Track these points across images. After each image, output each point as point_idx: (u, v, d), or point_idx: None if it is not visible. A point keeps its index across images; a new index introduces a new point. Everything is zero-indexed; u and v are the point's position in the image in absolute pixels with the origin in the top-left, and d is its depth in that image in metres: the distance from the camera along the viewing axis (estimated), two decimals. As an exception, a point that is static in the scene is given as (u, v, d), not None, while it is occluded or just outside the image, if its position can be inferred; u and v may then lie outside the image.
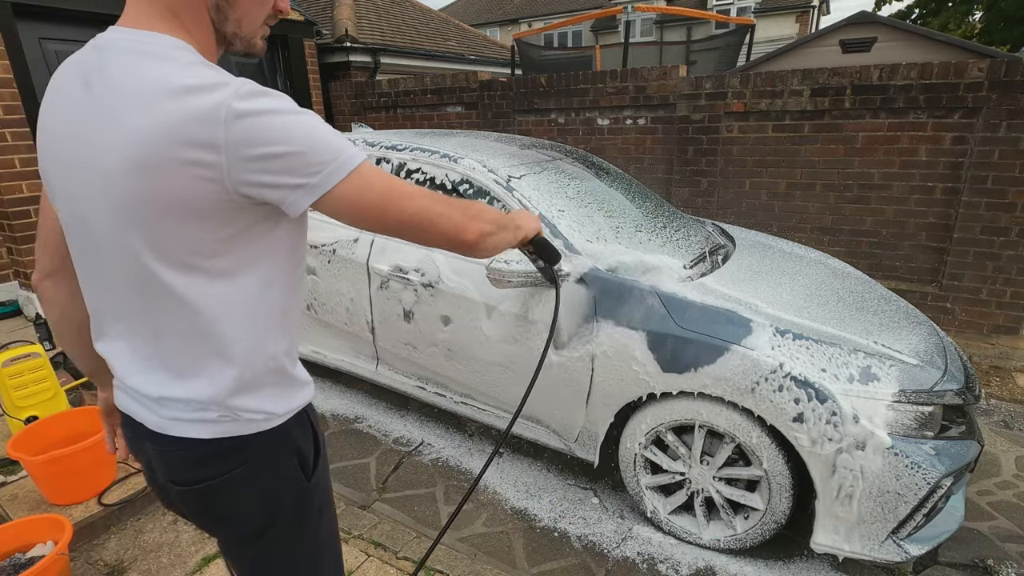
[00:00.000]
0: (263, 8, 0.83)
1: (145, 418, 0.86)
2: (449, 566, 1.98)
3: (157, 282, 0.76)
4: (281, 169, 0.72)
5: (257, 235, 0.79)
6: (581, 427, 2.26)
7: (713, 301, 2.03)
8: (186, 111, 0.68)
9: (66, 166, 0.77)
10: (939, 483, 1.73)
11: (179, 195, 0.71)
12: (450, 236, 0.89)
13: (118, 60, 0.72)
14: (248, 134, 0.69)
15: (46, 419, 2.24)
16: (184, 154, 0.68)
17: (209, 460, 0.85)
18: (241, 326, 0.82)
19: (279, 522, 0.93)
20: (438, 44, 8.23)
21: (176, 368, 0.83)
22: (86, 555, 2.01)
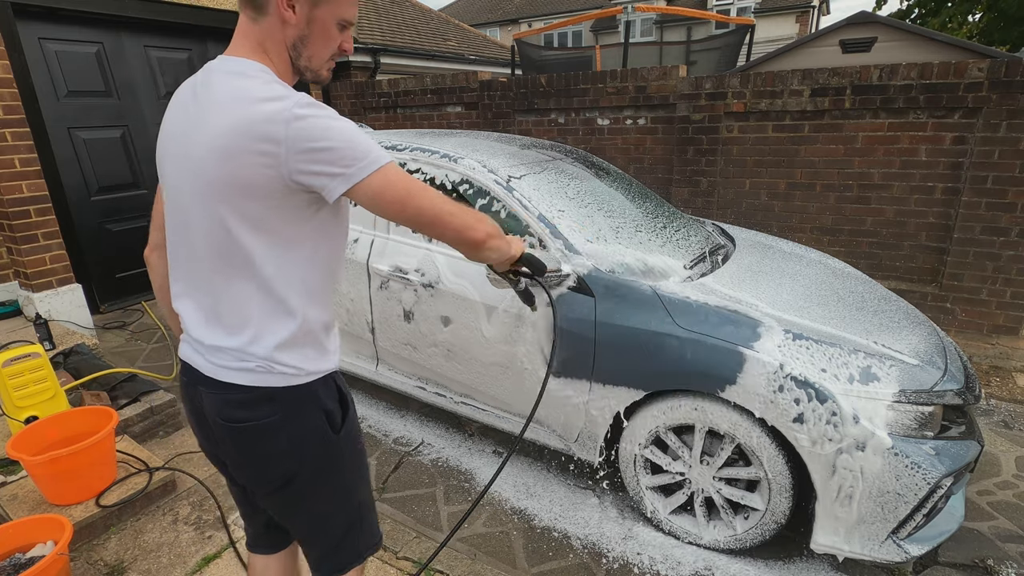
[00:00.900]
0: (329, 48, 1.06)
1: (200, 364, 1.05)
2: (449, 566, 1.98)
3: (232, 245, 0.97)
4: (324, 160, 0.92)
5: (306, 216, 0.99)
6: (581, 427, 2.26)
7: (715, 301, 2.03)
8: (259, 113, 0.90)
9: (172, 156, 1.01)
10: (939, 483, 1.73)
11: (249, 178, 0.92)
12: (460, 233, 1.07)
13: (219, 78, 0.97)
14: (302, 132, 0.90)
15: (46, 419, 2.24)
16: (254, 146, 0.90)
17: (248, 404, 1.03)
18: (290, 291, 1.02)
19: (308, 469, 1.09)
20: (438, 44, 8.23)
21: (231, 322, 1.02)
22: (86, 555, 2.00)
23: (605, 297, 2.11)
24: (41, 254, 3.62)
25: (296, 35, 1.01)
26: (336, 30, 1.04)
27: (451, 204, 1.05)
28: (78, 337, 3.39)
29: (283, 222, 0.98)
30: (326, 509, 1.15)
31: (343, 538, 1.20)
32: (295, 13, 0.98)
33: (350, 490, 1.17)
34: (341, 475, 1.14)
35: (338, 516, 1.17)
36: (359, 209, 2.73)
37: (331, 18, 1.02)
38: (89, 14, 4.03)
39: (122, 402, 2.69)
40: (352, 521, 1.20)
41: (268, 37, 1.00)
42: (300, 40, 1.01)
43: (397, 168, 0.98)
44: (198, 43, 4.84)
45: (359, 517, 1.21)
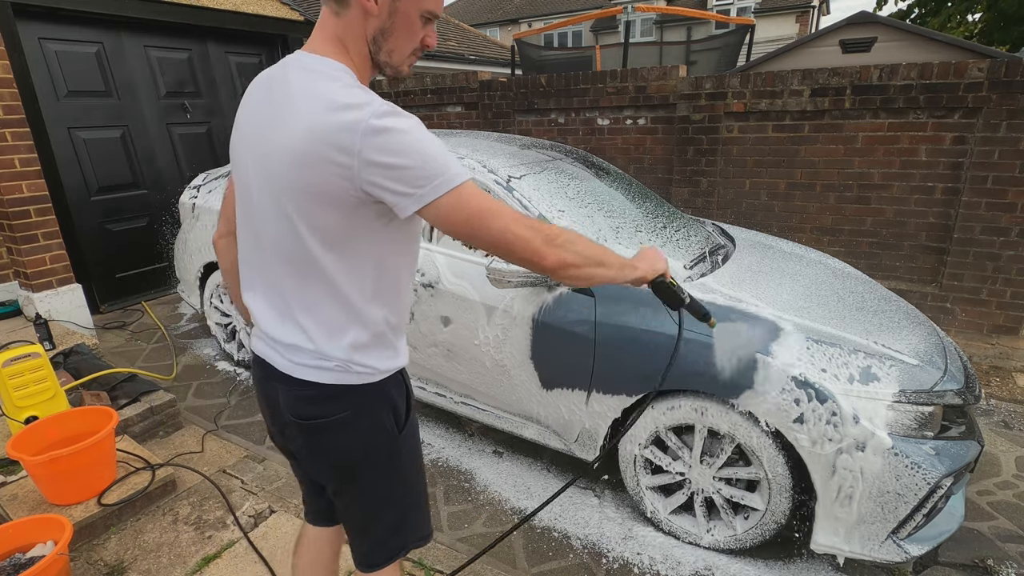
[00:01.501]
0: (411, 42, 1.02)
1: (277, 362, 1.07)
2: (449, 566, 1.98)
3: (303, 250, 0.97)
4: (396, 177, 0.88)
5: (377, 227, 0.98)
6: (581, 428, 2.26)
7: (722, 301, 2.03)
8: (336, 122, 0.87)
9: (245, 152, 1.01)
10: (939, 483, 1.73)
11: (322, 186, 0.90)
12: (529, 259, 0.99)
13: (297, 75, 0.95)
14: (375, 146, 0.87)
15: (46, 419, 2.24)
16: (329, 155, 0.88)
17: (321, 401, 1.06)
18: (362, 296, 1.02)
19: (371, 463, 1.12)
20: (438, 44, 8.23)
21: (306, 323, 1.02)
22: (86, 555, 2.00)
23: (605, 298, 2.11)
24: (41, 254, 3.62)
25: (377, 27, 0.97)
26: (419, 23, 1.00)
27: (524, 227, 0.97)
28: (78, 337, 3.39)
29: (354, 231, 0.96)
30: (383, 504, 1.18)
31: (393, 532, 1.21)
32: (377, 4, 0.95)
33: (408, 486, 1.20)
34: (401, 471, 1.17)
35: (393, 511, 1.19)
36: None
37: (414, 10, 0.98)
38: (89, 14, 4.03)
39: (122, 402, 2.69)
40: (405, 516, 1.21)
41: (348, 31, 0.97)
42: (381, 33, 0.98)
43: (472, 188, 0.93)
44: (198, 43, 4.84)
45: (412, 512, 1.23)
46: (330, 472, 1.15)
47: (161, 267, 4.79)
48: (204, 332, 4.09)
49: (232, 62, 5.14)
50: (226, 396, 3.24)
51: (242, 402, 3.18)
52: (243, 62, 5.22)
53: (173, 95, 4.74)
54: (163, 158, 4.71)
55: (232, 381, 3.41)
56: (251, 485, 2.40)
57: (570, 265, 1.03)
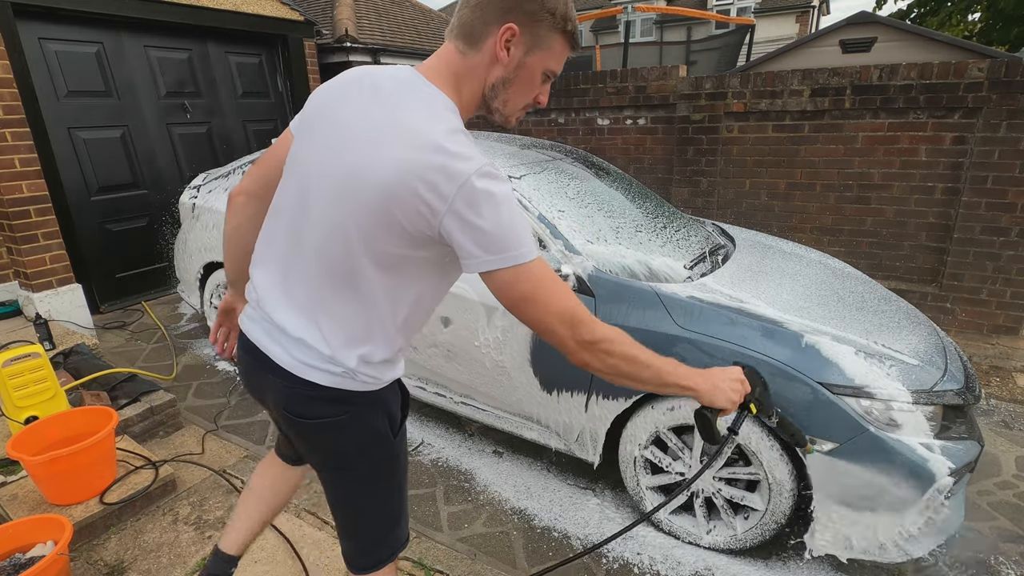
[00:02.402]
0: (527, 97, 1.06)
1: (277, 355, 1.06)
2: (449, 566, 1.98)
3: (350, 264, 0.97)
4: (475, 239, 0.90)
5: (432, 265, 1.00)
6: (581, 428, 2.26)
7: (715, 300, 2.03)
8: (439, 165, 0.87)
9: (324, 146, 0.99)
10: (939, 483, 1.73)
11: (401, 218, 0.91)
12: (559, 348, 0.99)
13: (406, 96, 0.96)
14: (469, 201, 0.88)
15: (46, 419, 2.24)
16: (422, 193, 0.88)
17: (319, 401, 1.06)
18: (392, 321, 1.04)
19: (366, 466, 1.14)
20: (438, 44, 8.23)
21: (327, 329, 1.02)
22: (86, 555, 2.00)
23: (606, 298, 2.11)
24: (41, 254, 3.62)
25: (501, 76, 1.00)
26: (539, 79, 1.04)
27: (563, 322, 0.94)
28: (78, 337, 3.39)
29: (411, 262, 0.97)
30: (375, 505, 1.19)
31: (385, 534, 1.23)
32: (509, 55, 0.98)
33: (397, 489, 1.21)
34: (394, 475, 1.19)
35: (384, 513, 1.21)
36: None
37: (539, 66, 1.02)
38: (89, 14, 4.03)
39: (122, 402, 2.69)
40: (395, 518, 1.23)
41: (470, 72, 1.00)
42: (502, 82, 1.01)
43: (537, 269, 0.93)
44: (198, 43, 4.84)
45: (400, 515, 1.24)
46: (324, 462, 1.17)
47: (161, 267, 4.79)
48: (204, 332, 4.09)
49: (232, 62, 5.14)
50: (226, 396, 3.24)
51: (242, 402, 3.18)
52: (243, 62, 5.22)
53: (173, 95, 4.74)
54: (163, 158, 4.71)
55: (232, 381, 3.41)
56: (251, 485, 2.40)
57: (595, 369, 1.00)
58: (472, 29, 0.97)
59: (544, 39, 0.99)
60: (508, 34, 0.96)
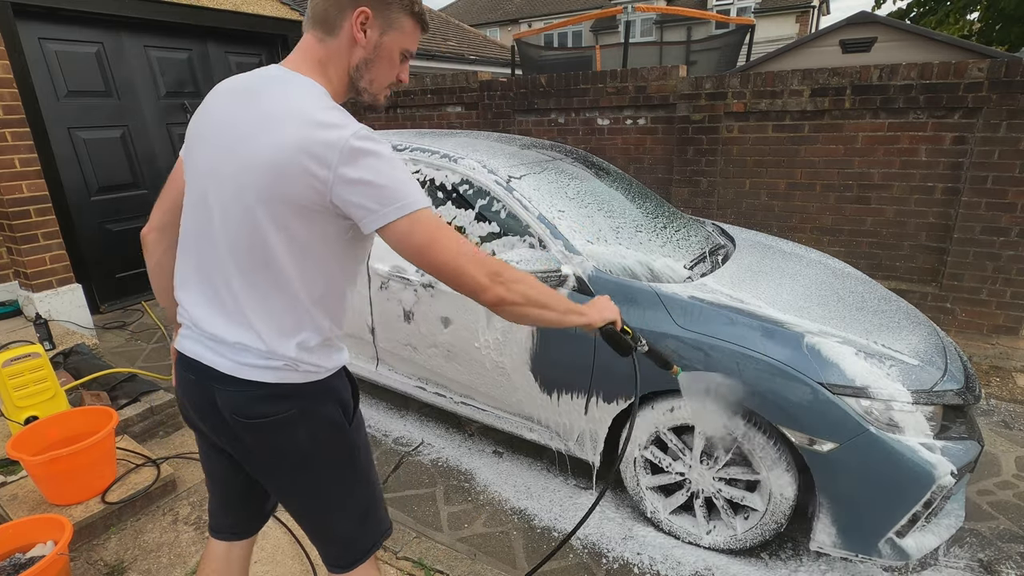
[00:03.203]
0: (389, 75, 1.13)
1: (217, 363, 1.07)
2: (449, 566, 1.98)
3: (266, 254, 1.01)
4: (365, 194, 0.95)
5: (338, 240, 1.04)
6: (581, 429, 2.26)
7: (716, 300, 2.03)
8: (318, 138, 0.94)
9: (213, 152, 1.03)
10: (939, 483, 1.73)
11: (297, 195, 0.96)
12: (471, 292, 1.05)
13: (280, 88, 1.02)
14: (352, 163, 0.94)
15: (46, 419, 2.24)
16: (308, 167, 0.94)
17: (269, 400, 1.07)
18: (316, 301, 1.07)
19: (327, 458, 1.14)
20: (438, 44, 8.23)
21: (258, 324, 1.04)
22: (86, 555, 2.00)
23: (605, 297, 2.11)
24: (41, 254, 3.62)
25: (362, 57, 1.07)
26: (398, 58, 1.12)
27: (474, 262, 1.02)
28: (78, 337, 3.39)
29: (318, 240, 1.02)
30: (342, 499, 1.18)
31: (359, 527, 1.22)
32: (366, 37, 1.05)
33: (363, 481, 1.21)
34: (355, 465, 1.18)
35: (353, 507, 1.20)
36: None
37: (396, 47, 1.10)
38: (89, 14, 4.03)
39: (122, 402, 2.69)
40: (365, 511, 1.22)
41: (333, 57, 1.06)
42: (364, 63, 1.08)
43: (429, 216, 0.99)
44: (198, 43, 4.84)
45: (371, 507, 1.24)
46: (283, 471, 1.14)
47: (161, 267, 4.77)
48: (204, 332, 4.08)
49: (232, 62, 5.14)
50: (226, 396, 3.24)
51: (242, 402, 3.18)
52: (243, 62, 5.22)
53: (173, 95, 4.74)
54: (163, 158, 4.70)
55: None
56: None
57: (511, 303, 1.08)
58: (327, 16, 1.04)
59: (395, 20, 1.07)
60: (362, 17, 1.03)
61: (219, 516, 1.34)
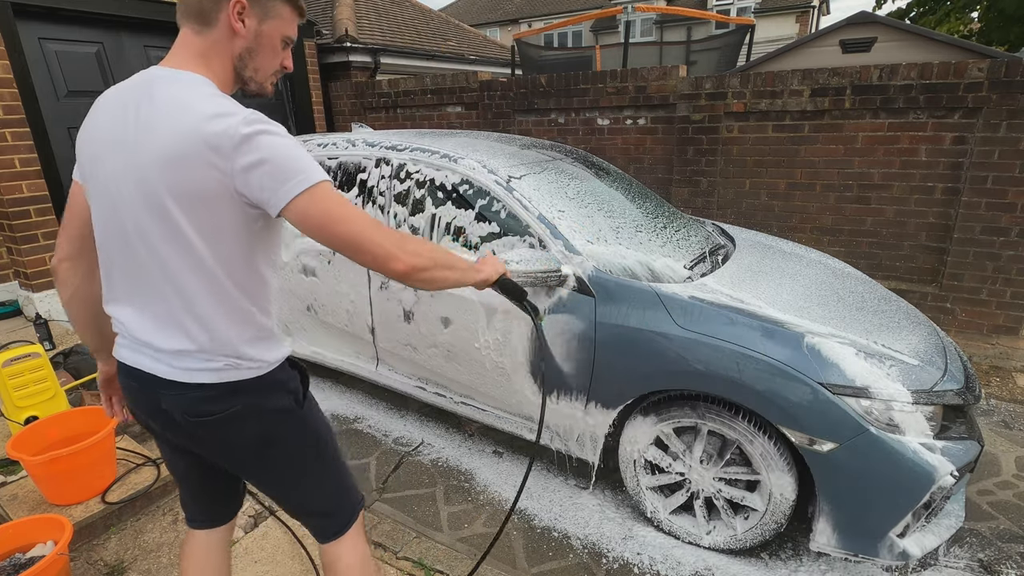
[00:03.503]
0: (273, 63, 1.13)
1: (159, 370, 1.08)
2: (449, 566, 1.98)
3: (186, 252, 1.01)
4: (263, 174, 0.96)
5: (254, 228, 1.04)
6: (581, 431, 2.26)
7: (716, 300, 2.03)
8: (209, 128, 0.94)
9: (111, 164, 1.02)
10: (939, 483, 1.73)
11: (199, 188, 0.97)
12: (379, 262, 1.05)
13: (163, 88, 1.00)
14: (247, 147, 0.95)
15: (46, 419, 2.24)
16: (205, 157, 0.94)
17: (217, 399, 1.09)
18: (242, 292, 1.07)
19: (285, 443, 1.18)
20: (438, 44, 8.23)
21: (190, 326, 1.05)
22: (86, 555, 2.00)
23: (606, 298, 2.11)
24: (41, 254, 3.62)
25: (244, 47, 1.07)
26: (280, 46, 1.12)
27: (379, 232, 1.04)
28: (78, 337, 3.39)
29: (233, 229, 1.02)
30: (312, 478, 1.25)
31: (335, 500, 1.29)
32: (244, 26, 1.05)
33: (331, 460, 1.27)
34: (318, 445, 1.24)
35: (327, 483, 1.27)
36: (359, 209, 2.73)
37: (276, 33, 1.10)
38: (89, 14, 4.03)
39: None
40: (338, 481, 1.29)
41: (213, 48, 1.05)
42: (247, 52, 1.08)
43: (328, 190, 1.00)
44: (198, 43, 4.84)
45: (340, 476, 1.30)
46: (248, 461, 1.19)
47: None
48: (204, 332, 4.09)
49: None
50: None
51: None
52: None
53: (173, 95, 4.73)
54: (163, 158, 4.70)
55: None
56: (250, 486, 2.40)
57: (421, 269, 1.10)
58: (201, 8, 1.03)
59: (272, 8, 1.08)
60: (239, 7, 1.03)
61: (191, 508, 1.38)
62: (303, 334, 3.14)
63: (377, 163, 2.74)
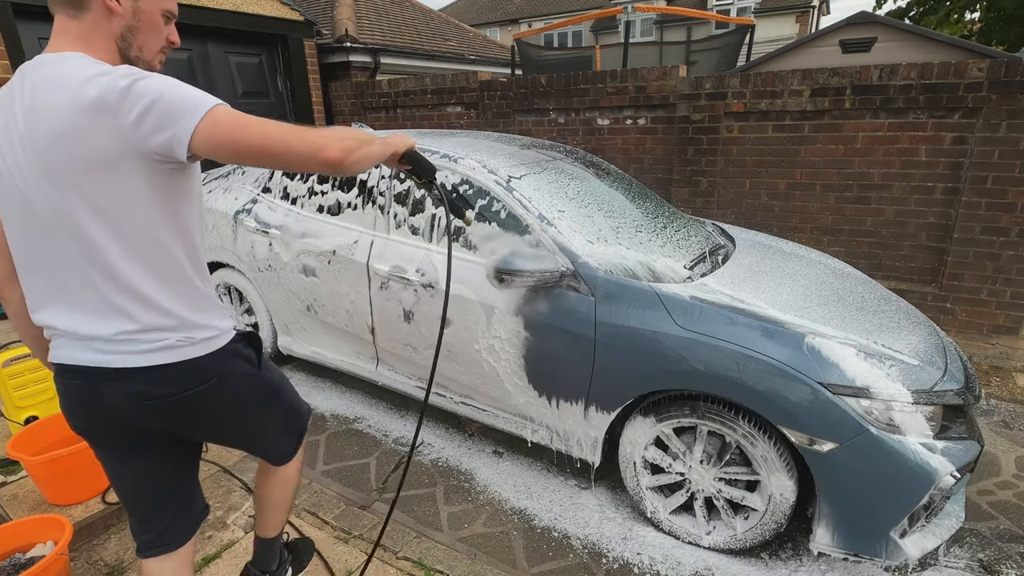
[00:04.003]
0: (158, 39, 1.12)
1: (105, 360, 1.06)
2: (449, 566, 1.98)
3: (103, 223, 0.99)
4: (155, 116, 0.94)
5: (165, 184, 1.03)
6: (581, 432, 2.26)
7: (716, 300, 2.03)
8: (90, 89, 0.94)
9: (8, 155, 1.00)
10: (939, 483, 1.73)
11: (98, 152, 0.95)
12: (311, 156, 1.03)
13: (40, 72, 0.99)
14: (130, 97, 0.93)
15: (46, 419, 2.24)
16: (94, 119, 0.93)
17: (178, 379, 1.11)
18: (173, 260, 1.08)
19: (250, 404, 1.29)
20: (438, 44, 8.23)
21: (129, 307, 1.05)
22: (86, 555, 2.00)
23: (606, 298, 2.11)
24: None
25: (124, 25, 1.05)
26: (162, 21, 1.11)
27: (296, 130, 1.02)
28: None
29: (148, 190, 1.01)
30: (268, 420, 1.39)
31: (286, 428, 1.46)
32: (120, 4, 1.03)
33: (286, 399, 1.42)
34: (275, 391, 1.37)
35: (278, 419, 1.42)
36: (358, 212, 2.73)
37: (156, 9, 1.09)
38: (89, 14, 4.02)
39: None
40: (289, 411, 1.44)
41: (92, 31, 1.03)
42: (129, 31, 1.06)
43: (227, 109, 0.99)
44: (198, 43, 4.84)
45: (291, 405, 1.45)
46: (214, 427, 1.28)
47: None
48: (204, 332, 4.08)
49: (232, 62, 5.15)
50: (226, 396, 3.24)
51: (242, 402, 3.18)
52: (243, 62, 5.22)
53: (173, 95, 4.73)
54: (163, 158, 4.70)
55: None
56: (251, 485, 2.40)
57: (351, 150, 1.08)
58: None
59: None
60: None
61: (143, 532, 1.30)
62: (303, 334, 3.14)
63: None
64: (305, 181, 2.99)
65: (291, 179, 3.05)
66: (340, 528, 2.16)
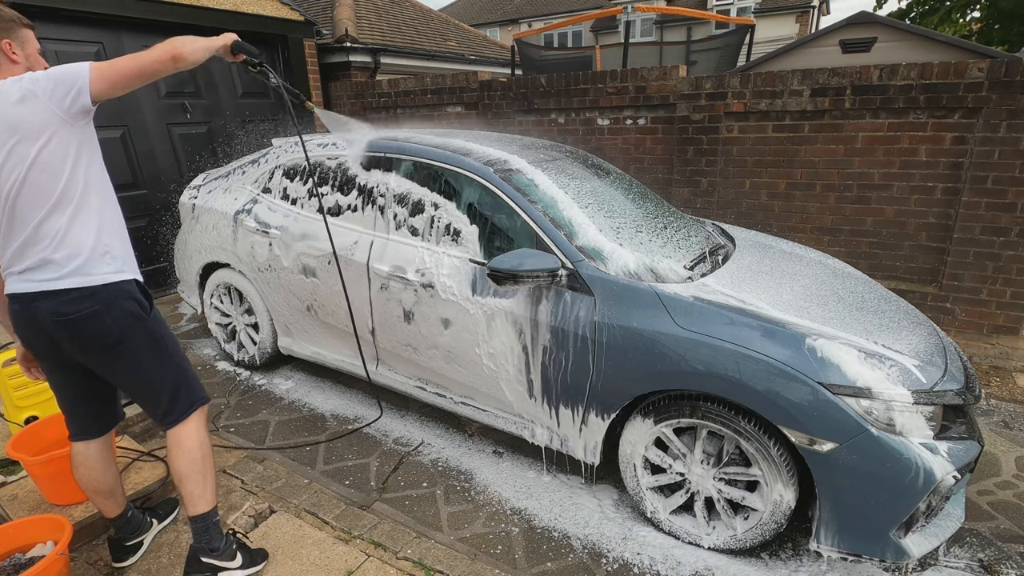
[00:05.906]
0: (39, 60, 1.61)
1: (31, 287, 1.50)
2: (449, 566, 1.98)
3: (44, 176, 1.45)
4: (63, 87, 1.43)
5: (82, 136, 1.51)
6: (580, 432, 2.26)
7: (716, 300, 2.03)
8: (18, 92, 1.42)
9: None
10: (939, 483, 1.73)
11: (38, 126, 1.43)
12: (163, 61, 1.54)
13: None
14: (44, 85, 1.43)
15: (46, 419, 2.24)
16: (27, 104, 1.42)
17: (76, 301, 1.52)
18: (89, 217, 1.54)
19: (133, 339, 1.61)
20: (438, 44, 8.23)
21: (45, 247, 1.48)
22: (86, 555, 2.01)
23: (606, 298, 2.11)
24: (41, 254, 3.61)
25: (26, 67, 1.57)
26: (38, 54, 1.61)
27: (145, 52, 1.50)
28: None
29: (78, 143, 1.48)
30: (156, 372, 1.68)
31: (175, 392, 1.72)
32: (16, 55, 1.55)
33: (169, 356, 1.70)
34: (162, 345, 1.68)
35: (166, 377, 1.70)
36: (358, 213, 2.74)
37: (34, 50, 1.60)
38: (89, 14, 4.03)
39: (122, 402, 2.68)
40: (179, 379, 1.73)
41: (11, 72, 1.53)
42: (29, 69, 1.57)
43: (100, 62, 1.46)
44: (198, 43, 4.83)
45: (183, 376, 1.74)
46: (102, 353, 1.58)
47: (161, 267, 4.78)
48: (204, 332, 4.09)
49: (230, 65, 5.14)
50: (226, 396, 3.24)
51: (242, 402, 3.18)
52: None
53: (173, 95, 4.74)
54: (163, 158, 4.71)
55: (232, 381, 3.41)
56: (251, 485, 2.40)
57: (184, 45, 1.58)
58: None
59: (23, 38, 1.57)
60: (10, 48, 1.52)
61: (71, 423, 1.78)
62: (303, 334, 3.13)
63: (376, 163, 2.74)
64: (305, 183, 2.98)
65: (291, 180, 3.05)
66: (340, 528, 2.16)
